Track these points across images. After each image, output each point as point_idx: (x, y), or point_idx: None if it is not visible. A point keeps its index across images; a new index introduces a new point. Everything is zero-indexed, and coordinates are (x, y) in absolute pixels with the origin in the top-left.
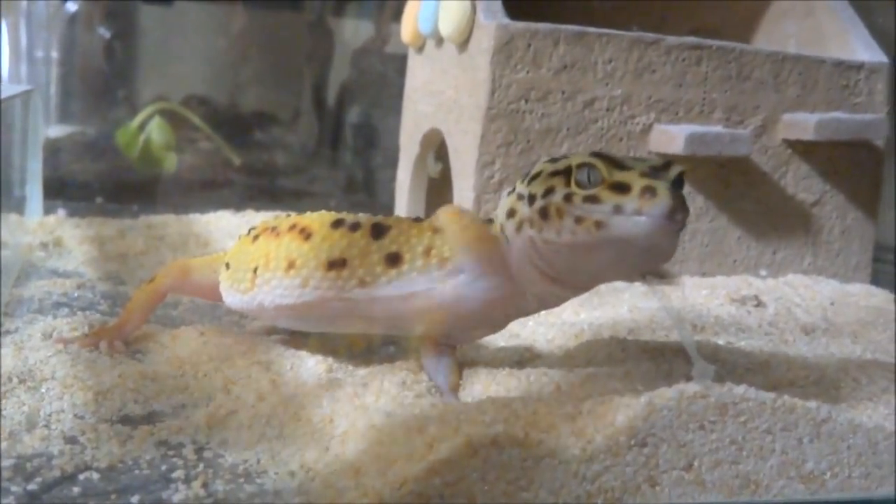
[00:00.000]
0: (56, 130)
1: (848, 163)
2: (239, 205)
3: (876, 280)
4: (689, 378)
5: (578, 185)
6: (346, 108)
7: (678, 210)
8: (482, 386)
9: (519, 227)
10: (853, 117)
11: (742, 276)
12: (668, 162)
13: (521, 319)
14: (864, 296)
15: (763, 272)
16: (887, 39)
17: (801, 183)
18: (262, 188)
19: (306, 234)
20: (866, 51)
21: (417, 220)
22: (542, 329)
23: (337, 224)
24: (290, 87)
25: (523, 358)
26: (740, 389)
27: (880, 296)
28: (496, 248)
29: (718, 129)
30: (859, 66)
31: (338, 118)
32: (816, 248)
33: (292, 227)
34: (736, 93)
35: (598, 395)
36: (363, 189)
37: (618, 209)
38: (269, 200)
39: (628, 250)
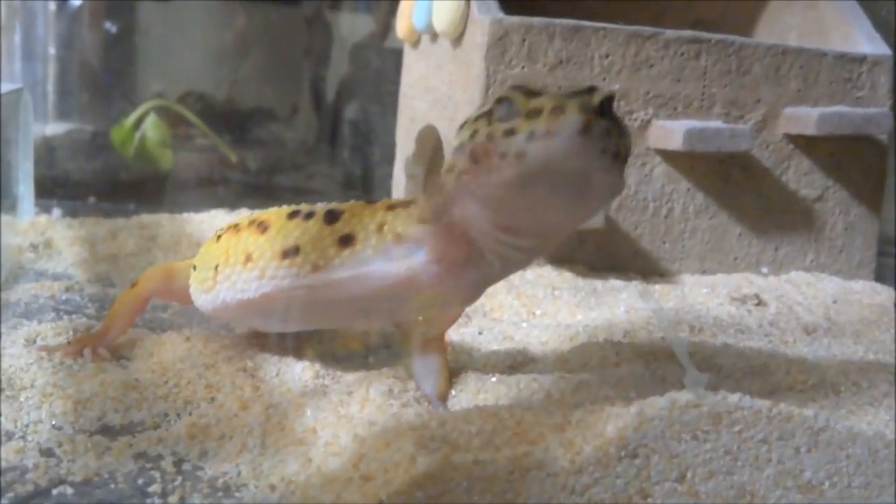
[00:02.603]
0: (54, 128)
1: (851, 157)
2: (234, 203)
3: (880, 276)
4: (682, 384)
5: (499, 121)
6: (345, 103)
7: (594, 125)
8: (471, 394)
9: (458, 180)
10: (856, 111)
11: (743, 274)
12: (591, 87)
13: (515, 321)
14: (868, 293)
15: (764, 270)
16: (891, 32)
17: (803, 178)
18: (260, 185)
19: (263, 228)
20: (869, 43)
21: (371, 202)
22: (537, 332)
23: (293, 215)
24: (288, 82)
25: (515, 362)
26: (735, 398)
27: (884, 293)
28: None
29: (718, 124)
30: (862, 59)
31: (336, 114)
32: (819, 244)
33: (251, 222)
34: (736, 87)
35: (590, 402)
36: (361, 186)
37: (531, 136)
38: (266, 198)
39: (558, 180)
